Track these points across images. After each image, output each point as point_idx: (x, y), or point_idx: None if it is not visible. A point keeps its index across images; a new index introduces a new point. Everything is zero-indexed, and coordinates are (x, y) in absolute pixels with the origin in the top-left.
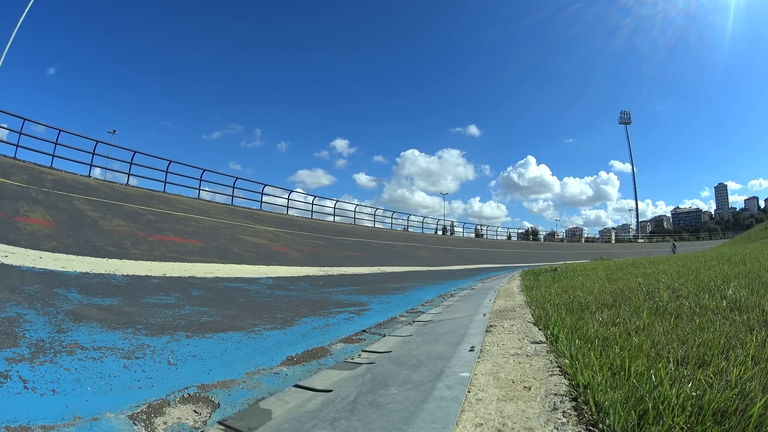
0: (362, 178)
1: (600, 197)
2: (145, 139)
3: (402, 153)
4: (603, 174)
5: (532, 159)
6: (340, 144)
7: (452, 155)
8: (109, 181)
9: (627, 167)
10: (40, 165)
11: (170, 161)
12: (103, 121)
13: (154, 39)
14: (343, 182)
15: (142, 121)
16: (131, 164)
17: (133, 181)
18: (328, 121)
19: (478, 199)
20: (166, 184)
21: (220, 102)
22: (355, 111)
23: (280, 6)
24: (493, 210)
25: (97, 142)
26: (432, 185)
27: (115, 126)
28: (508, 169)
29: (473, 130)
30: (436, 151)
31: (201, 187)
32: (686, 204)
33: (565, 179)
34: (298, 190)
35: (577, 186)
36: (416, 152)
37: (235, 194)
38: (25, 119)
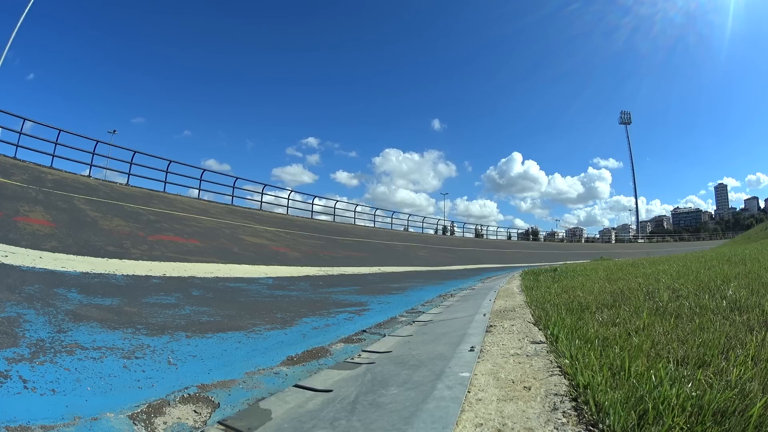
0: (343, 176)
1: (591, 195)
2: (127, 135)
3: (380, 152)
4: (593, 171)
5: (518, 155)
6: (312, 141)
7: (432, 154)
8: (109, 181)
9: (611, 163)
10: (40, 165)
11: (170, 161)
12: (88, 119)
13: (147, 36)
14: (324, 180)
15: (117, 116)
16: (131, 164)
17: (133, 181)
18: (296, 120)
19: (465, 198)
20: (166, 184)
21: (183, 99)
22: (327, 110)
23: (243, 5)
24: (481, 208)
25: (97, 141)
26: (413, 183)
27: (97, 122)
28: (490, 168)
29: (452, 126)
30: (416, 149)
31: (200, 187)
32: (683, 202)
33: (550, 177)
34: (288, 188)
35: (566, 183)
36: (394, 150)
37: (223, 193)
38: (25, 119)
